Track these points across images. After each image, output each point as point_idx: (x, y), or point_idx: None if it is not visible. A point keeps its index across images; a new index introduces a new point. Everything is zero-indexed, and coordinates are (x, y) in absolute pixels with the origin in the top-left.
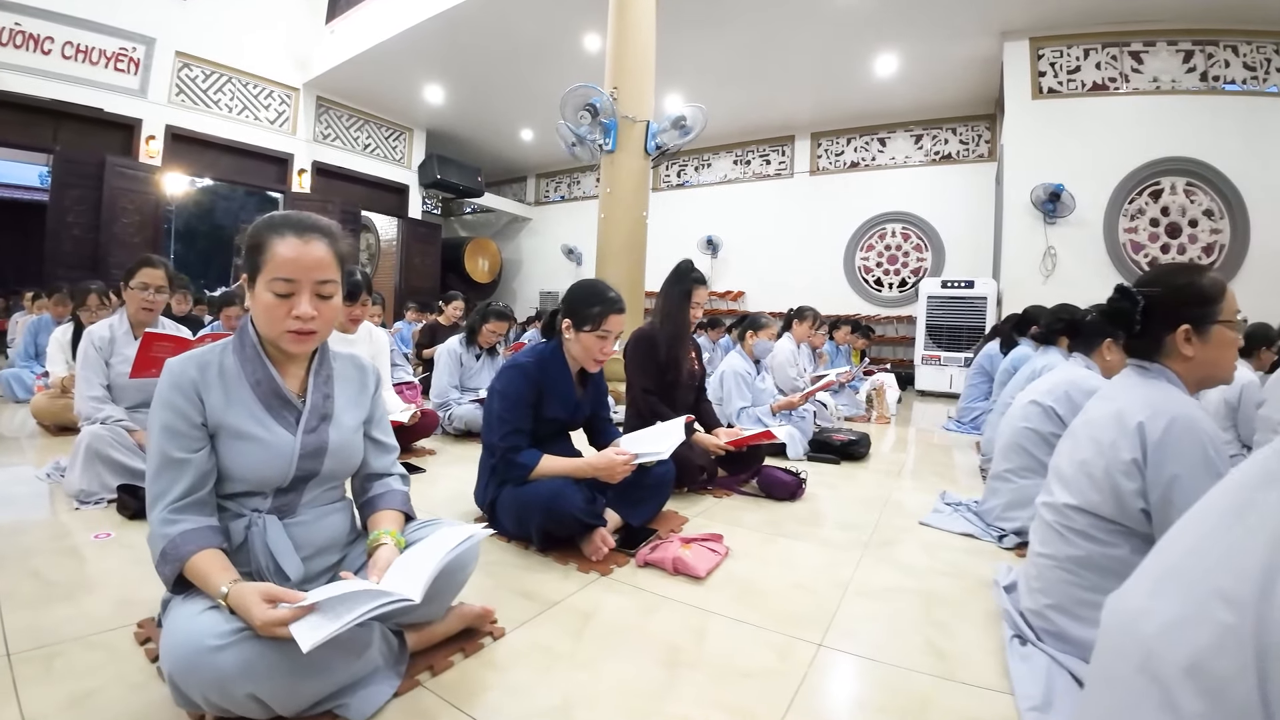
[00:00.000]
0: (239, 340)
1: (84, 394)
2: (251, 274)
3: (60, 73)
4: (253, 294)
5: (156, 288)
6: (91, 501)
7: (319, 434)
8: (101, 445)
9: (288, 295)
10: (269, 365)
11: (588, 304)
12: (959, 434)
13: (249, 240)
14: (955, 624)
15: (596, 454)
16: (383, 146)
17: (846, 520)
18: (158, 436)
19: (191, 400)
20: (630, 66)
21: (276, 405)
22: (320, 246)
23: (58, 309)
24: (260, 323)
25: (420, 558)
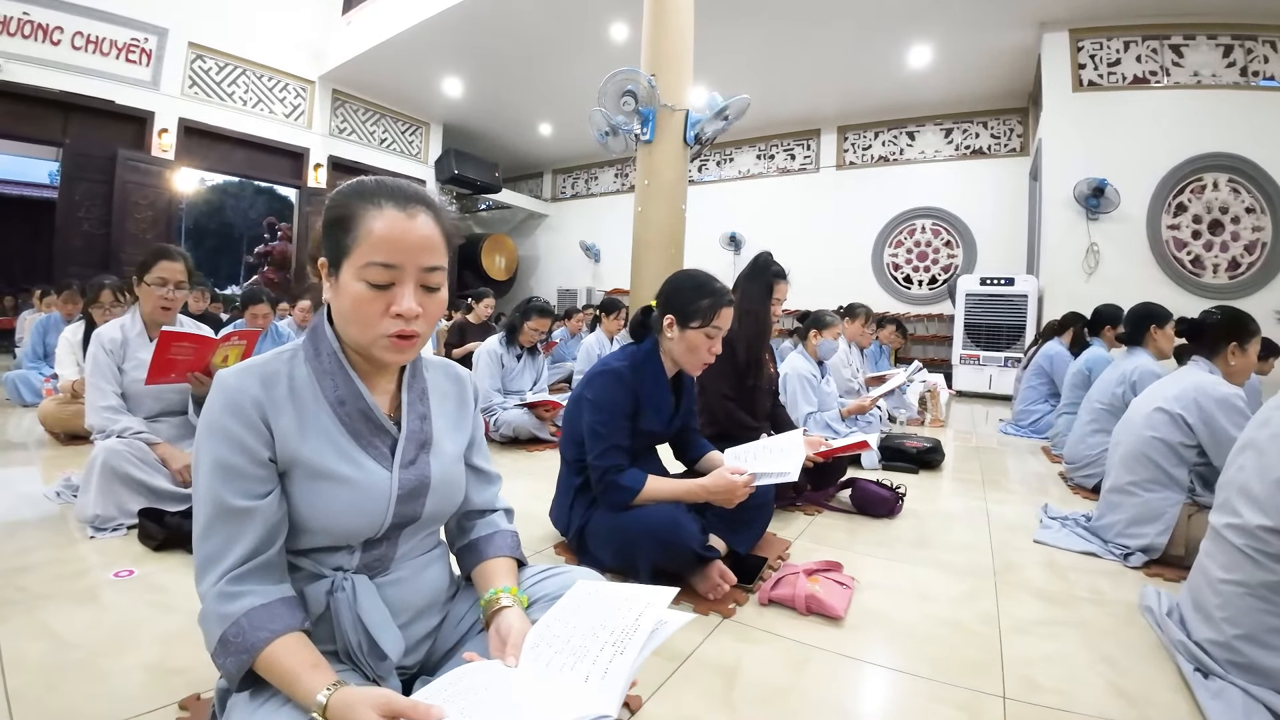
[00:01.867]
0: (312, 346)
1: (96, 404)
2: (333, 258)
3: (70, 64)
4: (334, 285)
5: (175, 283)
6: (109, 529)
7: (418, 467)
8: (119, 462)
9: (386, 286)
10: (356, 379)
11: (695, 296)
12: (1018, 438)
13: (331, 213)
14: (1124, 660)
15: (711, 475)
16: (399, 141)
17: (957, 540)
18: (209, 478)
19: (255, 428)
20: (668, 53)
21: (366, 432)
22: (427, 222)
23: (67, 307)
24: (346, 323)
25: (583, 635)
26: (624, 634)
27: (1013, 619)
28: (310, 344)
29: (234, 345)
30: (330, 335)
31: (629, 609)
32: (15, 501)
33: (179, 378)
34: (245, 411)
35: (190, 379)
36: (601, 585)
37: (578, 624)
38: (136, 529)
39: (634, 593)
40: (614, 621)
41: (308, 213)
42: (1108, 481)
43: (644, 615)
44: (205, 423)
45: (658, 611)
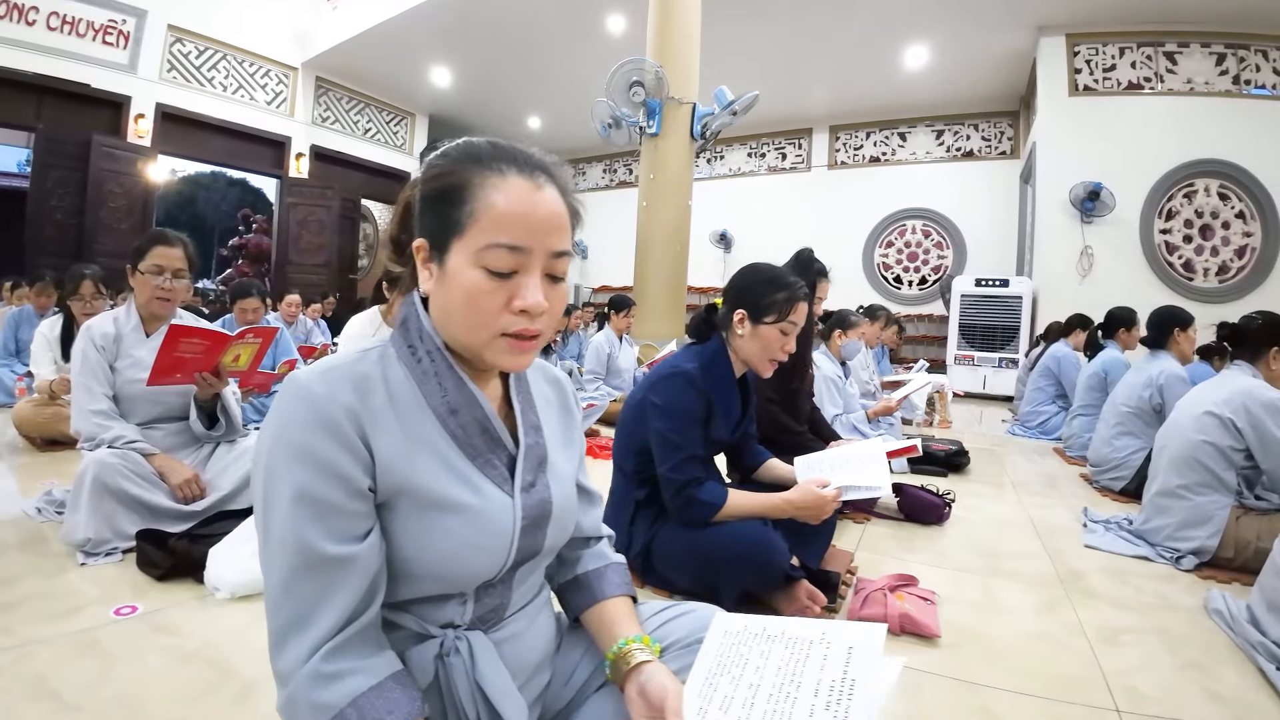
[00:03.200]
0: (403, 343)
1: (85, 408)
2: (437, 238)
3: (45, 45)
4: (440, 270)
5: (174, 271)
6: (101, 553)
7: (539, 490)
8: (112, 477)
9: (508, 274)
10: (471, 384)
11: (770, 290)
12: (1026, 439)
13: (435, 182)
14: (1208, 663)
15: (797, 489)
16: (384, 131)
17: (1012, 547)
18: (289, 517)
19: (352, 447)
20: (674, 45)
21: (484, 448)
22: (555, 195)
23: (40, 300)
24: (452, 318)
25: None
26: (836, 692)
27: (1096, 628)
28: (402, 341)
29: (248, 343)
30: (431, 331)
31: (824, 656)
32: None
33: (185, 378)
34: (339, 426)
35: (197, 380)
36: (757, 624)
37: (756, 680)
38: (134, 553)
39: (814, 632)
40: (810, 675)
41: (289, 204)
42: (1154, 485)
43: (852, 664)
44: (282, 442)
45: (869, 658)
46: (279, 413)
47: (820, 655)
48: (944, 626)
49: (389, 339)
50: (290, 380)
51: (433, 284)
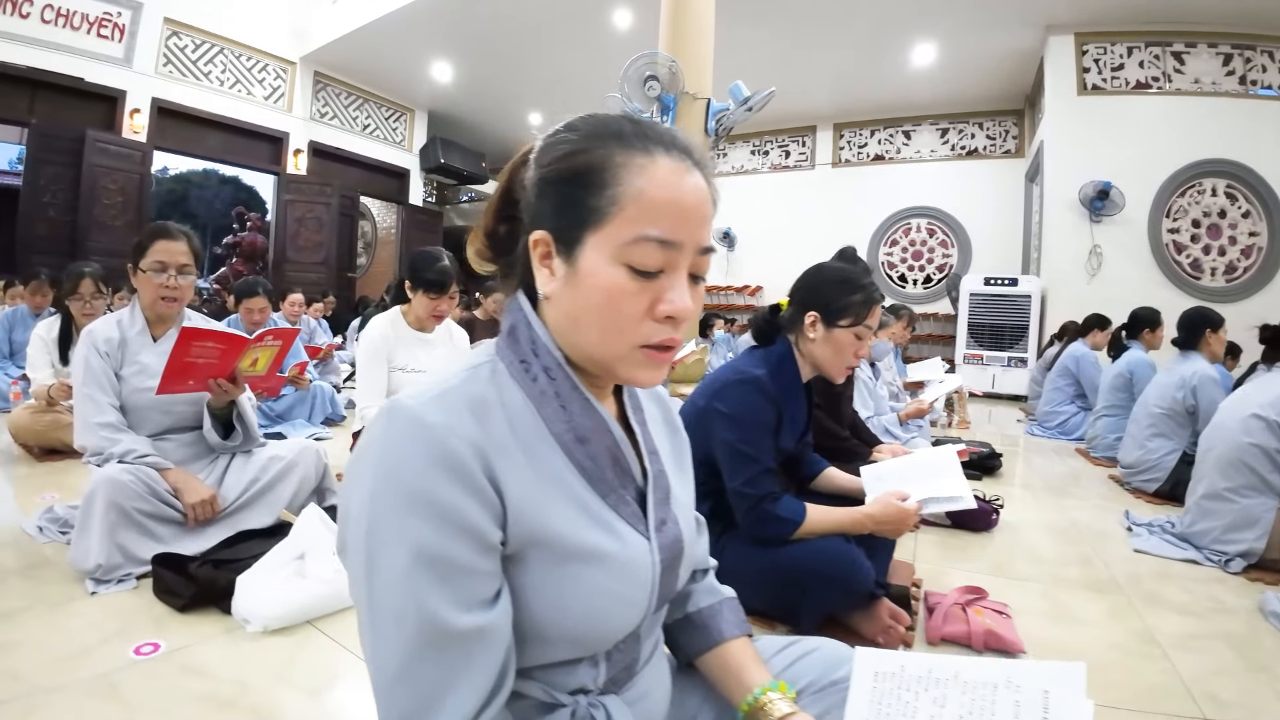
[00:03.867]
0: (513, 357)
1: (90, 420)
2: (567, 228)
3: (38, 38)
4: (568, 269)
5: (179, 267)
6: (114, 580)
7: (670, 527)
8: (123, 497)
9: (655, 274)
10: (599, 406)
11: (845, 291)
12: (1046, 439)
13: (567, 161)
14: (1276, 666)
15: (877, 503)
16: (383, 127)
17: (1063, 553)
18: (407, 583)
19: (480, 492)
20: (687, 39)
21: (615, 483)
22: (702, 183)
23: (35, 299)
24: (583, 325)
25: None
26: None
27: (1166, 635)
28: (511, 356)
29: (266, 346)
30: (549, 343)
31: (1016, 703)
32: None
33: (198, 385)
34: (464, 466)
35: (211, 387)
36: (918, 665)
37: None
38: (151, 579)
39: (995, 674)
40: None
41: (286, 201)
42: (1200, 488)
43: (1052, 711)
44: (391, 489)
45: (1071, 705)
46: (383, 450)
47: (1011, 702)
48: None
49: (495, 353)
50: (393, 408)
51: (556, 285)
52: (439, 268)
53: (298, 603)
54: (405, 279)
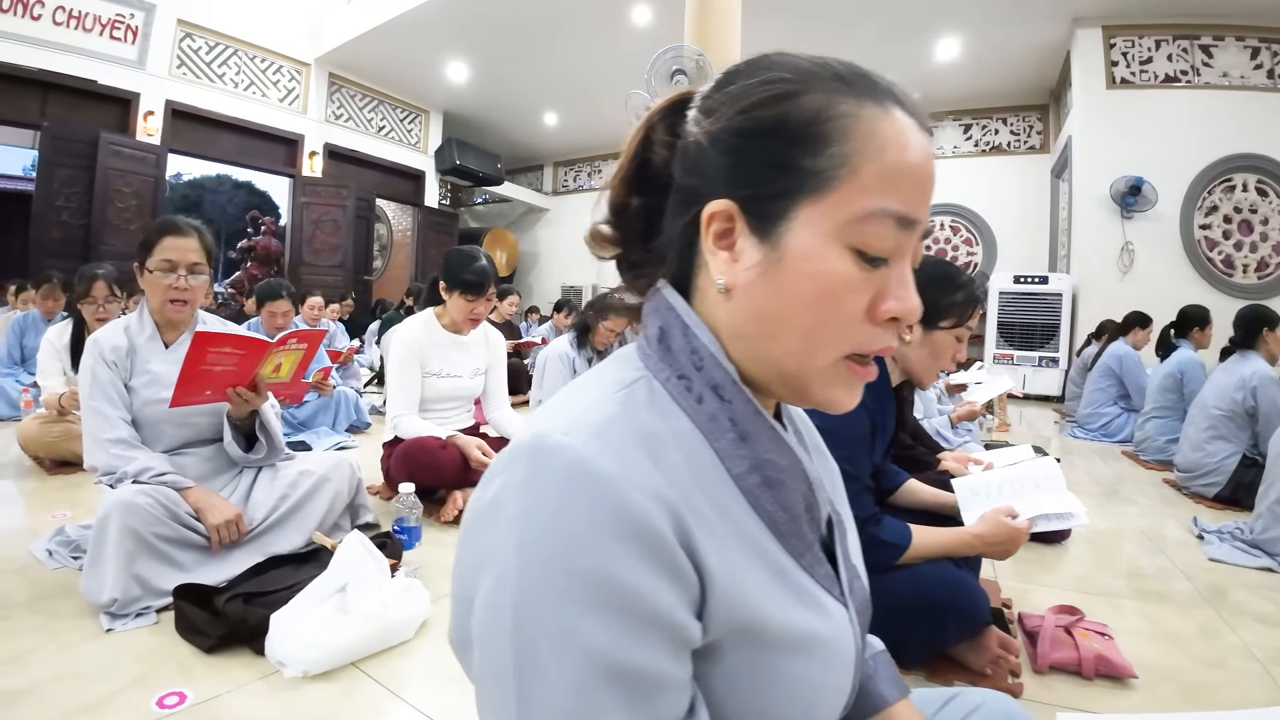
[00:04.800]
0: (669, 372)
1: (100, 436)
2: (772, 195)
3: (50, 40)
4: (767, 250)
5: (189, 266)
6: (131, 614)
7: (859, 586)
8: (140, 522)
9: (882, 261)
10: (789, 437)
11: (948, 291)
12: (1089, 441)
13: (777, 106)
14: None
15: (987, 522)
16: (398, 129)
17: (1140, 564)
18: (575, 708)
19: (678, 573)
20: (714, 33)
21: (809, 537)
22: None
23: (47, 303)
24: (793, 327)
25: None
26: None
27: (1264, 650)
28: (666, 368)
29: (290, 350)
30: (718, 353)
31: None
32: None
33: (216, 395)
34: (656, 533)
35: (231, 397)
36: None
37: None
38: (173, 613)
39: None
40: None
41: (302, 204)
42: (1272, 493)
43: None
44: (552, 566)
45: None
46: (533, 510)
47: None
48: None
49: (642, 363)
50: (540, 447)
51: (744, 273)
52: (477, 267)
53: (341, 643)
54: (440, 279)
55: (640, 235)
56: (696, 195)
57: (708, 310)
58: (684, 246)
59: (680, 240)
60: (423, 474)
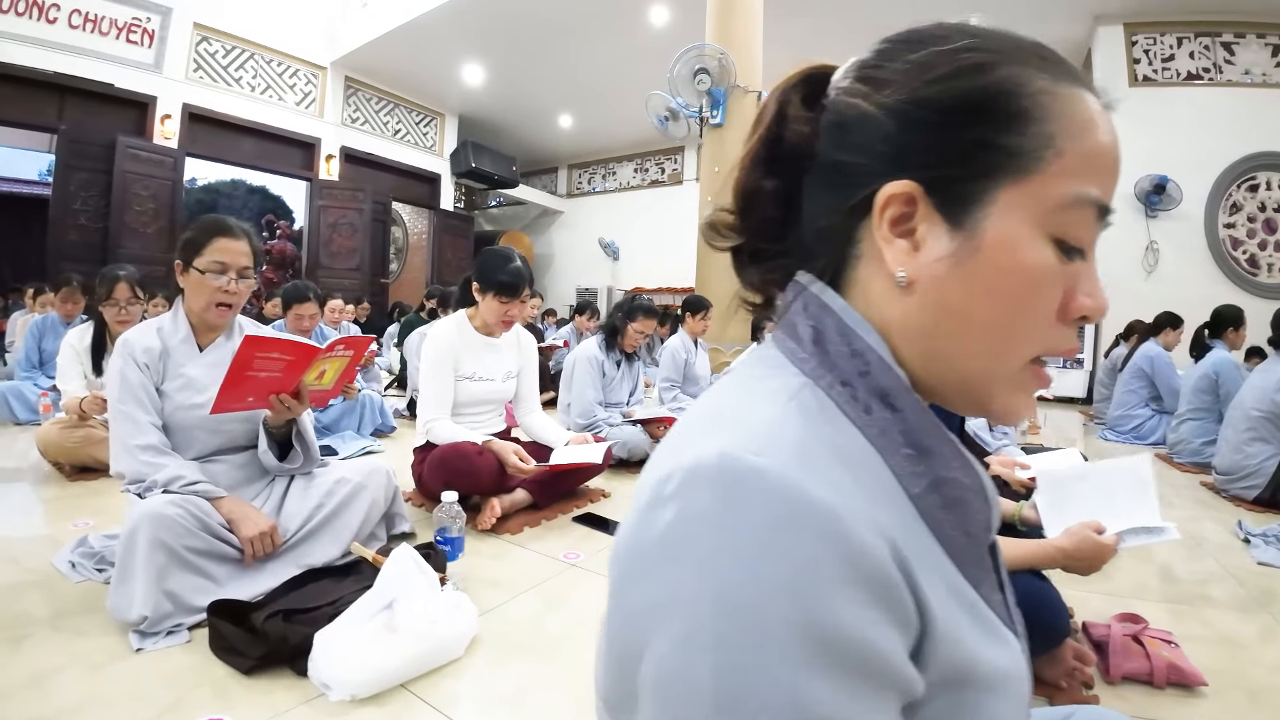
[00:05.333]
0: (831, 379)
1: (129, 442)
2: (966, 177)
3: (67, 44)
4: (954, 233)
5: (240, 270)
6: (162, 632)
7: (1017, 612)
8: (171, 534)
9: (1079, 254)
10: (969, 455)
11: None
12: (1119, 443)
13: (971, 78)
14: None
15: (1072, 536)
16: (413, 132)
17: (1191, 568)
18: None
19: (904, 618)
20: (736, 31)
21: (989, 565)
22: None
23: (66, 306)
24: (985, 326)
25: None
26: None
27: None
28: (827, 373)
29: (337, 357)
30: (888, 358)
31: None
32: (17, 579)
33: (258, 402)
34: (887, 577)
35: (273, 404)
36: None
37: None
38: (206, 631)
39: None
40: None
41: (319, 207)
42: None
43: None
44: (770, 617)
45: None
46: (739, 547)
47: None
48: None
49: (795, 366)
50: (735, 470)
51: (930, 264)
52: (512, 268)
53: (390, 664)
54: (472, 280)
55: (773, 223)
56: (862, 176)
57: (870, 307)
58: (830, 234)
59: (839, 228)
60: (459, 481)
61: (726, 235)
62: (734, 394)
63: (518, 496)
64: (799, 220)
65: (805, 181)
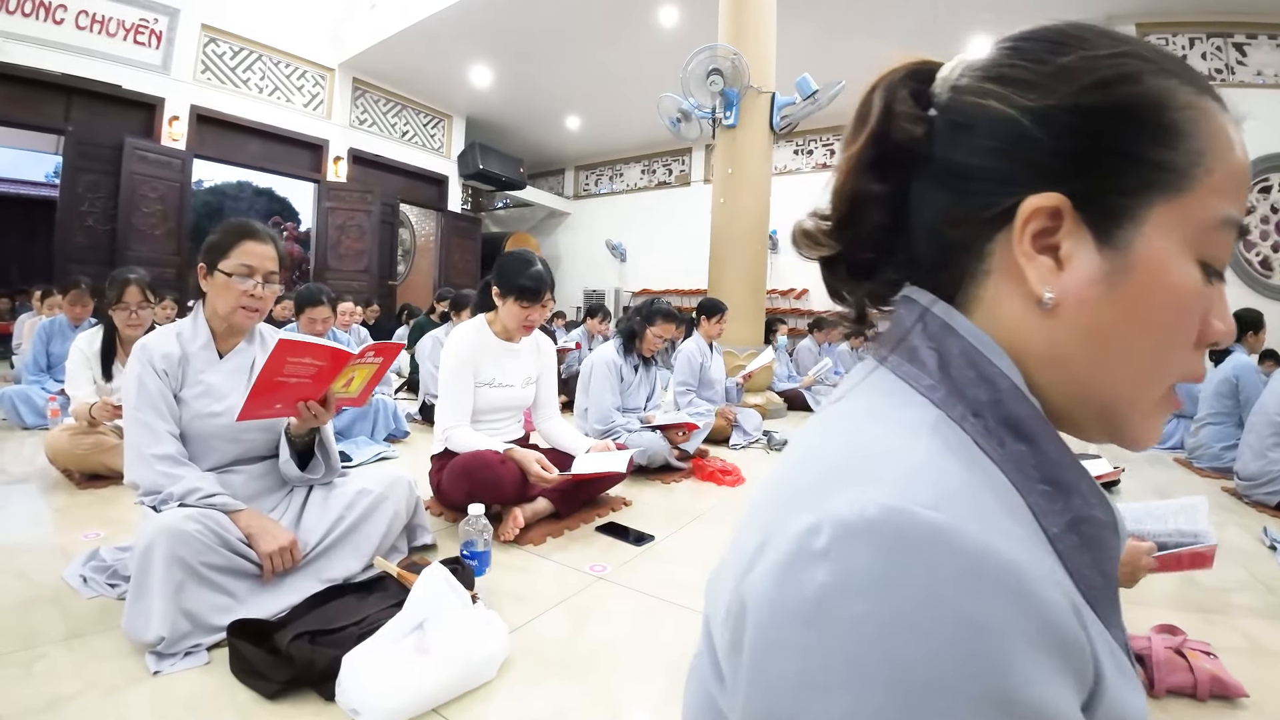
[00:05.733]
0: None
1: (145, 451)
2: (1120, 192)
3: (74, 45)
4: (1103, 252)
5: (266, 274)
6: (180, 653)
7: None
8: (189, 550)
9: (1218, 277)
10: (1115, 505)
11: None
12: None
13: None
14: None
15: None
16: (421, 134)
17: (1223, 577)
18: None
19: (1082, 673)
20: (749, 31)
21: (1119, 601)
22: None
23: (74, 309)
24: (1129, 352)
25: None
26: None
27: None
28: (960, 406)
29: (366, 364)
30: (1023, 383)
31: None
32: (27, 595)
33: (286, 409)
34: (1072, 636)
35: (300, 411)
36: None
37: None
38: (225, 651)
39: None
40: None
41: (327, 209)
42: None
43: None
44: (947, 687)
45: None
46: (921, 614)
47: None
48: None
49: (917, 389)
50: (912, 525)
51: (1083, 286)
52: (533, 272)
53: (423, 688)
54: (492, 284)
55: (881, 232)
56: (997, 184)
57: (998, 328)
58: (954, 246)
59: (955, 239)
60: (483, 491)
61: (825, 244)
62: (864, 428)
63: (539, 506)
64: (907, 228)
65: (915, 186)
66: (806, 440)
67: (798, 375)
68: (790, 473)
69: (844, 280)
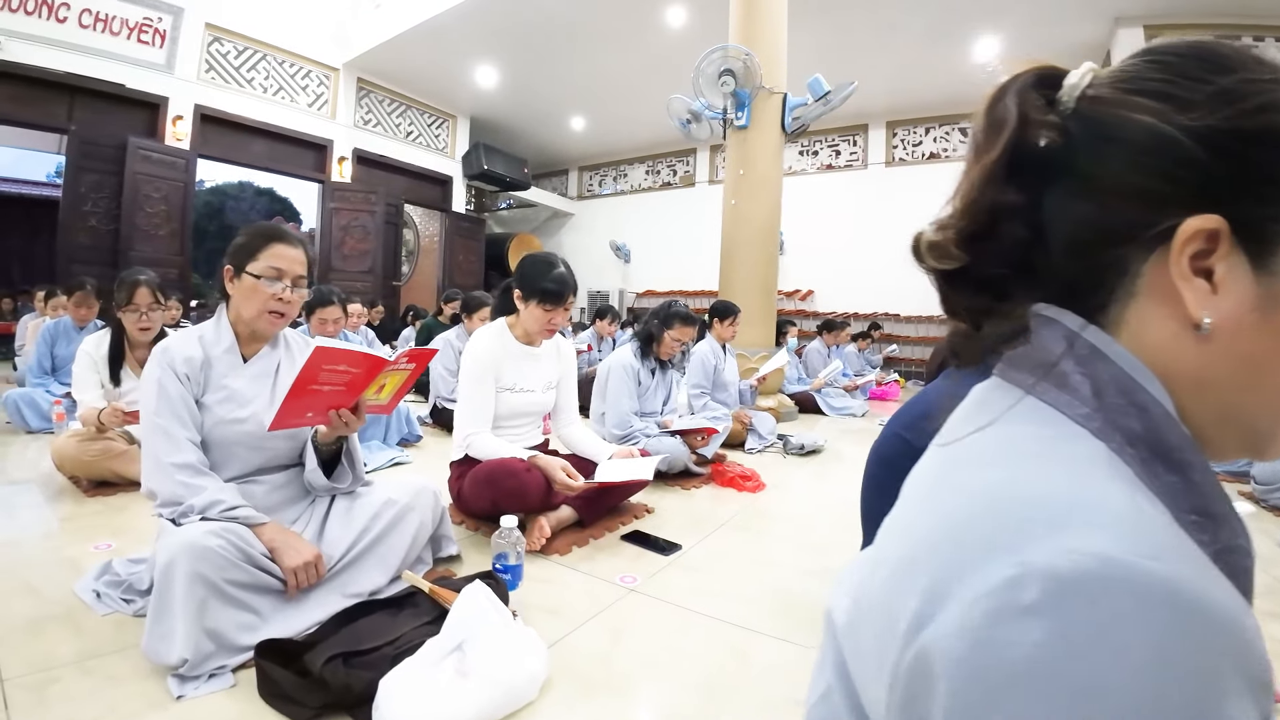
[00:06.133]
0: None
1: (164, 460)
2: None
3: (77, 43)
4: (1260, 277)
5: (295, 279)
6: (204, 675)
7: None
8: (211, 567)
9: None
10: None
11: None
12: None
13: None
14: None
15: None
16: (425, 134)
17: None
18: None
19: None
20: (760, 29)
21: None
22: None
23: (80, 311)
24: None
25: None
26: None
27: None
28: (1118, 437)
29: (399, 370)
30: (1175, 410)
31: None
32: (39, 612)
33: (318, 417)
34: (1271, 680)
35: (332, 419)
36: None
37: None
38: (253, 673)
39: None
40: None
41: (331, 209)
42: None
43: None
44: None
45: None
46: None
47: None
48: None
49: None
50: (1139, 579)
51: (1242, 312)
52: (557, 275)
53: (466, 713)
54: (514, 287)
55: (1020, 246)
56: (1153, 203)
57: (1146, 352)
58: (1103, 265)
59: (1104, 258)
60: (508, 501)
61: (955, 256)
62: (1037, 465)
63: (564, 514)
64: (1044, 243)
65: (1049, 199)
66: (964, 474)
67: (807, 378)
68: (957, 511)
69: (971, 295)
